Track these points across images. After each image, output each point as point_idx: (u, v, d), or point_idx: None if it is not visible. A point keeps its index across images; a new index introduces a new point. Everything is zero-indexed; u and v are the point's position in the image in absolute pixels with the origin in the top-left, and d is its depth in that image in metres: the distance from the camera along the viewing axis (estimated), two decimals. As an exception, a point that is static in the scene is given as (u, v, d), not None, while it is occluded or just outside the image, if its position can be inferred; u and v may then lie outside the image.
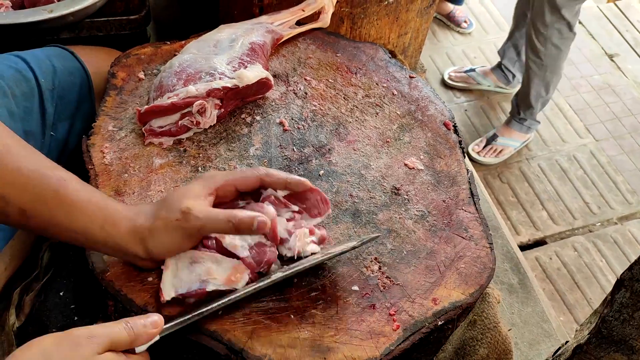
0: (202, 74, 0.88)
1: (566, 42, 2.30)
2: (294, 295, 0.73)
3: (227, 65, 0.89)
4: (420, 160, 0.91)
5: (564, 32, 2.25)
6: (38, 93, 0.89)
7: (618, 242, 2.36)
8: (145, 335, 0.60)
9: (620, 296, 0.58)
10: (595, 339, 0.62)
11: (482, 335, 0.88)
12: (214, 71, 0.88)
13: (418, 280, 0.77)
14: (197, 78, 0.87)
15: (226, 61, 0.90)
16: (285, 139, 0.91)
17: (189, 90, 0.85)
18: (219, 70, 0.88)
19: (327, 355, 0.68)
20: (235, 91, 0.88)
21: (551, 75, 2.37)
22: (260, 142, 0.90)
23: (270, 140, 0.90)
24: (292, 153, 0.89)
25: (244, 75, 0.87)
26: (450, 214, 0.85)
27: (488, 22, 3.18)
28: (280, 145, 0.90)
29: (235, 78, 0.87)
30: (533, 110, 2.48)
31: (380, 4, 1.19)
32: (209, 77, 0.87)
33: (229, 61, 0.90)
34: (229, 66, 0.89)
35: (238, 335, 0.68)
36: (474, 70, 2.81)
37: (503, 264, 1.11)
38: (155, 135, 0.86)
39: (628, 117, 2.83)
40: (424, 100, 1.00)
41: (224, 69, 0.88)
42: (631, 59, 3.11)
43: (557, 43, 2.28)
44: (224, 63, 0.89)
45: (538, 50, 2.32)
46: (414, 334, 0.71)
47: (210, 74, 0.87)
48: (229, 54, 0.91)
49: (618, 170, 2.60)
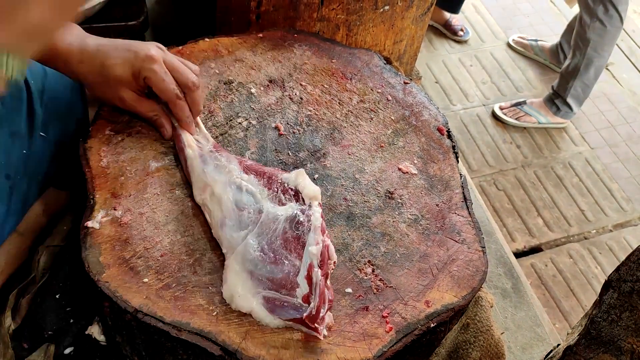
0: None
1: (611, 21, 2.40)
2: (288, 297, 0.74)
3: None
4: (414, 165, 0.92)
5: (609, 8, 2.37)
6: (26, 94, 0.89)
7: (613, 249, 2.37)
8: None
9: (608, 297, 0.59)
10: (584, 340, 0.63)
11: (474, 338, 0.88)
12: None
13: (411, 282, 0.78)
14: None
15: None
16: (280, 143, 0.92)
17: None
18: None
19: (321, 356, 0.69)
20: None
21: (593, 53, 2.48)
22: (256, 146, 0.91)
23: (266, 144, 0.91)
24: (287, 157, 0.90)
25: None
26: (443, 218, 0.86)
27: (484, 30, 3.21)
28: (275, 149, 0.91)
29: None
30: (567, 87, 2.59)
31: (375, 11, 1.20)
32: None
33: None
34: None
35: (232, 336, 0.69)
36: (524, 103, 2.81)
37: (497, 268, 1.12)
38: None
39: (623, 125, 2.85)
40: (418, 105, 1.01)
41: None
42: (626, 68, 3.14)
43: (602, 18, 2.40)
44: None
45: (584, 24, 2.45)
46: (406, 336, 0.72)
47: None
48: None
49: (613, 178, 2.62)
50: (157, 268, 0.74)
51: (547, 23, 3.31)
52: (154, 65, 0.80)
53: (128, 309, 0.70)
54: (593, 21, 2.43)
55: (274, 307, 0.70)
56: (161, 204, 0.82)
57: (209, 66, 1.01)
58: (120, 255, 0.75)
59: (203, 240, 0.79)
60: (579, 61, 2.53)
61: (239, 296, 0.71)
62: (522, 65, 3.05)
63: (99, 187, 0.82)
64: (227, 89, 0.98)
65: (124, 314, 0.70)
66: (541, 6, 3.42)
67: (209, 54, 1.03)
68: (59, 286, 0.90)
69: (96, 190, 0.81)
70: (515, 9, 3.37)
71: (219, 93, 0.97)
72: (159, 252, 0.76)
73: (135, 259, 0.75)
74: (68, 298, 0.89)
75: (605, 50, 2.50)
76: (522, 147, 2.69)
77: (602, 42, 2.47)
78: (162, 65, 0.81)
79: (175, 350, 0.70)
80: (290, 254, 0.72)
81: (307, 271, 0.70)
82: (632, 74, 3.10)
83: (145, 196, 0.82)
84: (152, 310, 0.70)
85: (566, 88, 2.62)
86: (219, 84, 0.98)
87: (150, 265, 0.74)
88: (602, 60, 2.53)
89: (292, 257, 0.72)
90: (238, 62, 1.02)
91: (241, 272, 0.72)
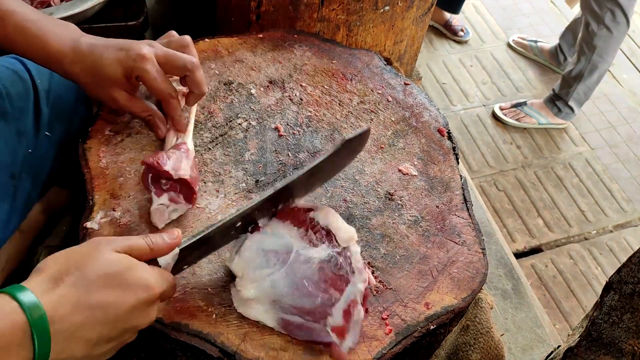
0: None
1: (618, 27, 2.39)
2: (288, 298, 0.73)
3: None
4: (414, 166, 0.92)
5: (617, 15, 2.35)
6: (33, 94, 0.89)
7: (613, 249, 2.36)
8: (165, 245, 0.62)
9: (609, 299, 0.59)
10: (585, 341, 0.62)
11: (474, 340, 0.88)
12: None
13: (411, 284, 0.78)
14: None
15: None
16: (280, 144, 0.92)
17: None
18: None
19: (319, 358, 0.68)
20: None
21: (598, 59, 2.48)
22: (256, 147, 0.91)
23: (266, 145, 0.91)
24: (287, 158, 0.90)
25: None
26: (444, 220, 0.86)
27: (484, 31, 3.21)
28: (275, 150, 0.91)
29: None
30: (570, 90, 2.59)
31: (376, 11, 1.20)
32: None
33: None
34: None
35: (231, 338, 0.68)
36: (525, 103, 2.81)
37: (497, 269, 1.12)
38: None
39: (623, 126, 2.84)
40: (418, 106, 1.01)
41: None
42: (627, 69, 3.14)
43: (609, 25, 2.38)
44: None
45: (590, 30, 2.43)
46: (406, 338, 0.72)
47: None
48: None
49: (613, 179, 2.61)
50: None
51: (548, 23, 3.31)
52: (146, 64, 0.79)
53: (127, 310, 0.69)
54: (600, 28, 2.42)
55: (293, 329, 0.69)
56: (160, 205, 0.81)
57: (209, 67, 1.00)
58: (119, 256, 0.74)
59: (202, 241, 0.78)
60: (583, 66, 2.53)
61: (250, 308, 0.70)
62: (522, 66, 3.04)
63: (98, 187, 0.82)
64: (227, 89, 0.98)
65: (123, 315, 0.70)
66: (541, 7, 3.42)
67: (209, 55, 1.02)
68: (58, 287, 0.89)
69: (95, 190, 0.81)
70: (515, 9, 3.36)
71: (218, 94, 0.97)
72: (158, 253, 0.76)
73: (135, 260, 0.74)
74: (67, 299, 0.88)
75: (610, 56, 2.51)
76: (522, 147, 2.68)
77: (608, 48, 2.47)
78: (155, 63, 0.80)
79: (174, 352, 0.70)
80: (329, 288, 0.69)
81: (348, 305, 0.68)
82: (632, 75, 3.10)
83: (145, 197, 0.82)
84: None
85: (569, 92, 2.61)
86: (219, 84, 0.98)
87: (149, 266, 0.74)
88: (606, 65, 2.53)
89: (331, 291, 0.69)
90: (238, 62, 1.02)
91: (259, 298, 0.70)
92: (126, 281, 0.56)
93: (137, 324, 0.59)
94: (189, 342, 0.67)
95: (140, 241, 0.61)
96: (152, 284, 0.58)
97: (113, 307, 0.55)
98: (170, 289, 0.63)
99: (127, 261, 0.58)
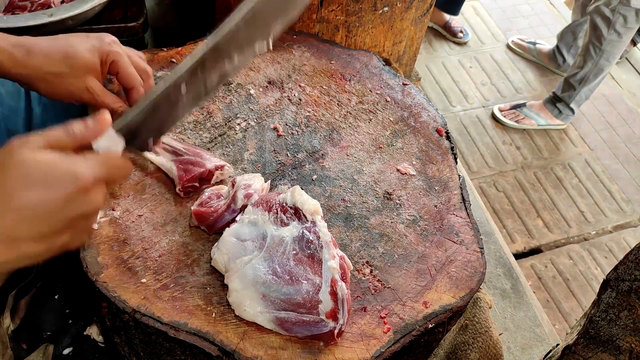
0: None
1: (628, 31, 2.39)
2: (286, 297, 0.74)
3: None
4: (412, 166, 0.92)
5: (629, 19, 2.35)
6: (25, 93, 0.89)
7: (613, 250, 2.36)
8: (89, 129, 0.59)
9: (607, 296, 0.59)
10: (583, 339, 0.62)
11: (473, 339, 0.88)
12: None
13: (409, 283, 0.78)
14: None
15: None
16: (279, 144, 0.92)
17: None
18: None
19: (318, 357, 0.68)
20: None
21: (604, 63, 2.48)
22: (255, 147, 0.91)
23: (265, 145, 0.92)
24: (285, 158, 0.90)
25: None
26: (442, 219, 0.86)
27: (484, 32, 3.21)
28: (274, 150, 0.91)
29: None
30: (573, 93, 2.59)
31: (375, 12, 1.20)
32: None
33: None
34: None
35: (230, 337, 0.69)
36: (524, 105, 2.82)
37: (496, 269, 1.12)
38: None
39: (622, 127, 2.85)
40: (417, 107, 1.01)
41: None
42: (625, 70, 3.14)
43: (620, 30, 2.38)
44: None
45: (600, 35, 2.42)
46: (404, 337, 0.72)
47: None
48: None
49: (613, 179, 2.62)
50: (155, 268, 0.74)
51: (547, 25, 3.32)
52: (121, 49, 0.80)
53: (126, 309, 0.70)
54: (610, 33, 2.41)
55: (291, 327, 0.69)
56: (160, 204, 0.82)
57: (208, 67, 1.01)
58: (118, 255, 0.75)
59: (201, 241, 0.79)
60: (590, 70, 2.52)
61: (244, 310, 0.71)
62: (522, 67, 3.05)
63: (98, 187, 0.82)
64: (226, 90, 0.98)
65: (122, 314, 0.70)
66: (540, 8, 3.42)
67: (208, 55, 1.03)
68: (57, 287, 0.90)
69: (95, 190, 0.81)
70: (514, 10, 3.37)
71: (217, 94, 0.97)
72: (157, 252, 0.76)
73: (134, 260, 0.75)
74: (67, 299, 0.89)
75: (615, 59, 2.51)
76: (521, 148, 2.69)
77: (615, 52, 2.47)
78: (125, 51, 0.81)
79: (173, 351, 0.70)
80: (307, 272, 0.71)
81: (331, 287, 0.69)
82: (631, 76, 3.10)
83: (144, 197, 0.82)
84: (150, 311, 0.70)
85: (572, 94, 2.61)
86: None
87: (148, 265, 0.74)
88: (610, 67, 2.54)
89: (310, 276, 0.70)
90: (237, 63, 1.02)
91: (247, 291, 0.71)
92: (47, 177, 0.54)
93: (82, 212, 0.55)
94: (188, 340, 0.68)
95: (56, 133, 0.57)
96: (79, 173, 0.55)
97: (40, 206, 0.53)
98: (117, 170, 0.60)
99: (45, 156, 0.54)
